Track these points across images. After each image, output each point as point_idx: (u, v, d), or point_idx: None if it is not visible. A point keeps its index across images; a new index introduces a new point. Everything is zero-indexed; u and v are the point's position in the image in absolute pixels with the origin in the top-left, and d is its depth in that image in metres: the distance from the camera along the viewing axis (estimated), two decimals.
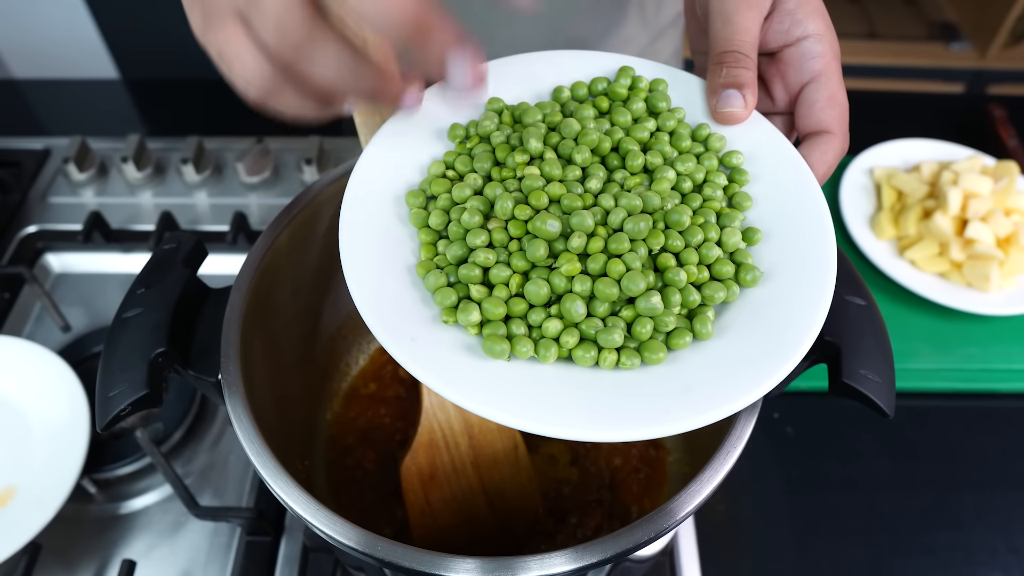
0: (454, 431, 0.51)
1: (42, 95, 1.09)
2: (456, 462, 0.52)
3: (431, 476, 0.52)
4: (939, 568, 0.65)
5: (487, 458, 0.52)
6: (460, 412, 0.51)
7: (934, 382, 0.75)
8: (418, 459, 0.51)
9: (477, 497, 0.53)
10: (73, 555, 0.64)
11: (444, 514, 0.53)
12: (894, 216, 0.85)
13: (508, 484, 0.53)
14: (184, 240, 0.48)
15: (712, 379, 0.35)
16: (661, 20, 1.03)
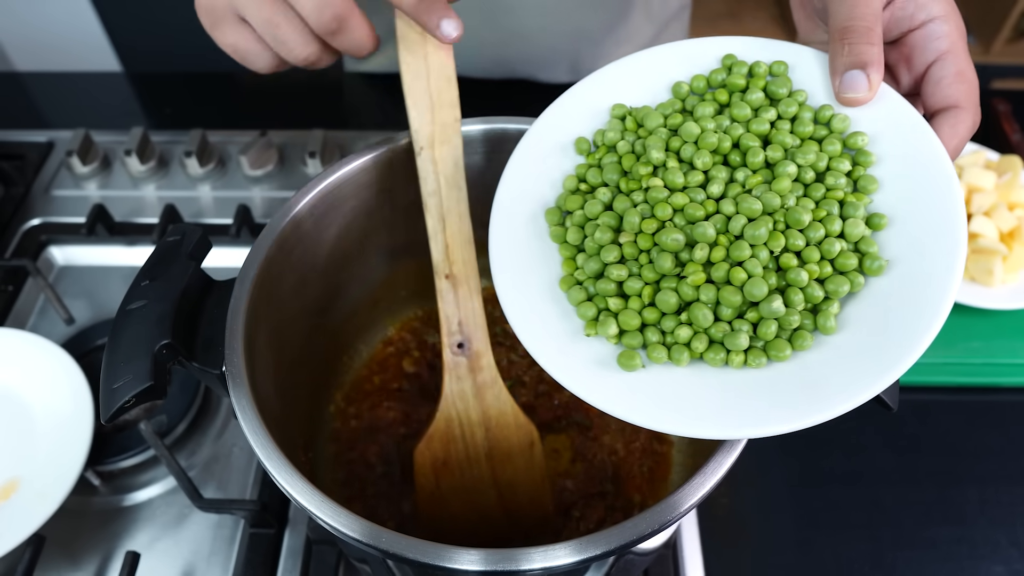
0: (472, 422, 0.51)
1: (45, 88, 1.09)
2: (471, 452, 0.52)
3: (444, 463, 0.52)
4: (942, 562, 0.65)
5: (502, 452, 0.52)
6: (479, 403, 0.51)
7: (937, 376, 0.75)
8: (433, 446, 0.52)
9: (488, 489, 0.53)
10: (77, 547, 0.64)
11: (453, 502, 0.53)
12: None
13: (520, 479, 0.53)
14: (189, 232, 0.48)
15: (838, 372, 0.36)
16: (666, 12, 1.03)
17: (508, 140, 0.55)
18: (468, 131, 0.55)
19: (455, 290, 0.49)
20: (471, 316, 0.50)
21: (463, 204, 0.49)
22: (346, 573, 0.62)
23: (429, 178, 0.49)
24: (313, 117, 0.97)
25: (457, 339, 0.50)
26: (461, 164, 0.49)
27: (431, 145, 0.49)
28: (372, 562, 0.50)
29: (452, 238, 0.49)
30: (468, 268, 0.49)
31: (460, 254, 0.49)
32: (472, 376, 0.51)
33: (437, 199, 0.49)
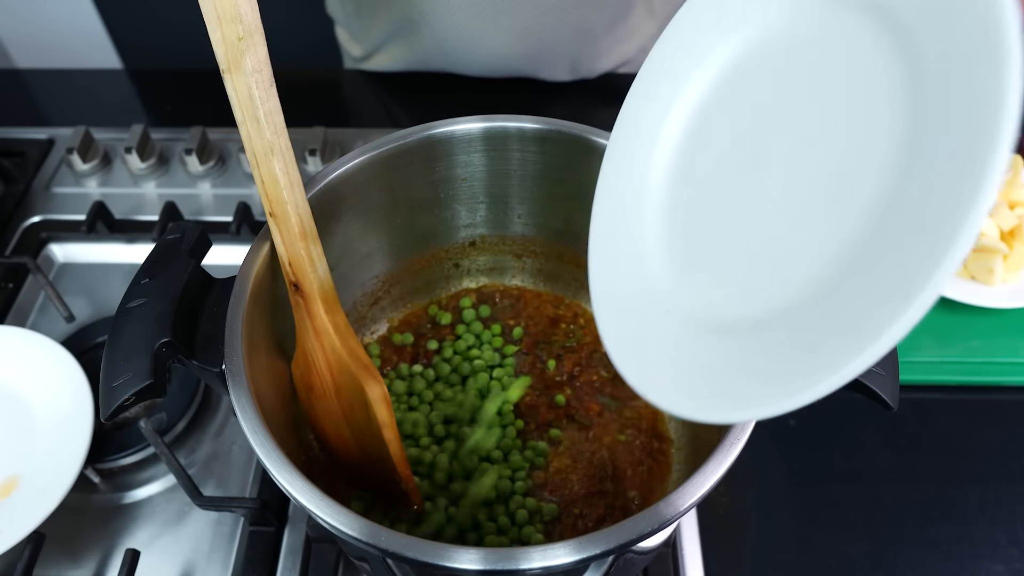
0: (317, 360, 0.50)
1: (46, 85, 1.09)
2: (324, 385, 0.51)
3: (310, 387, 0.52)
4: (942, 561, 0.65)
5: (345, 399, 0.51)
6: (319, 345, 0.50)
7: (937, 375, 0.75)
8: (299, 366, 0.51)
9: (342, 425, 0.52)
10: (77, 544, 0.64)
11: (327, 423, 0.53)
12: None
13: (366, 430, 0.52)
14: (188, 230, 0.48)
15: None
16: (668, 10, 1.03)
17: (508, 138, 0.56)
18: (468, 129, 0.55)
19: (279, 230, 0.47)
20: (296, 257, 0.47)
21: (266, 139, 0.45)
22: (345, 571, 0.62)
23: (236, 107, 0.45)
24: (313, 115, 0.97)
25: (291, 278, 0.48)
26: (256, 93, 0.44)
27: (229, 69, 0.44)
28: (371, 560, 0.50)
29: (265, 175, 0.46)
30: (283, 208, 0.46)
31: (273, 191, 0.46)
32: (309, 320, 0.49)
33: (246, 131, 0.45)
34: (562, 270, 0.65)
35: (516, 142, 0.56)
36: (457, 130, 0.55)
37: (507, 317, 0.66)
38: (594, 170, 0.55)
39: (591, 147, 0.54)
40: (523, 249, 0.65)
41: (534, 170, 0.58)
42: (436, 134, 0.55)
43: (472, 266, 0.66)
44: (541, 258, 0.65)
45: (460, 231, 0.63)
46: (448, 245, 0.64)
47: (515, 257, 0.66)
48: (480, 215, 0.62)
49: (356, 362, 0.49)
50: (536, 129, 0.55)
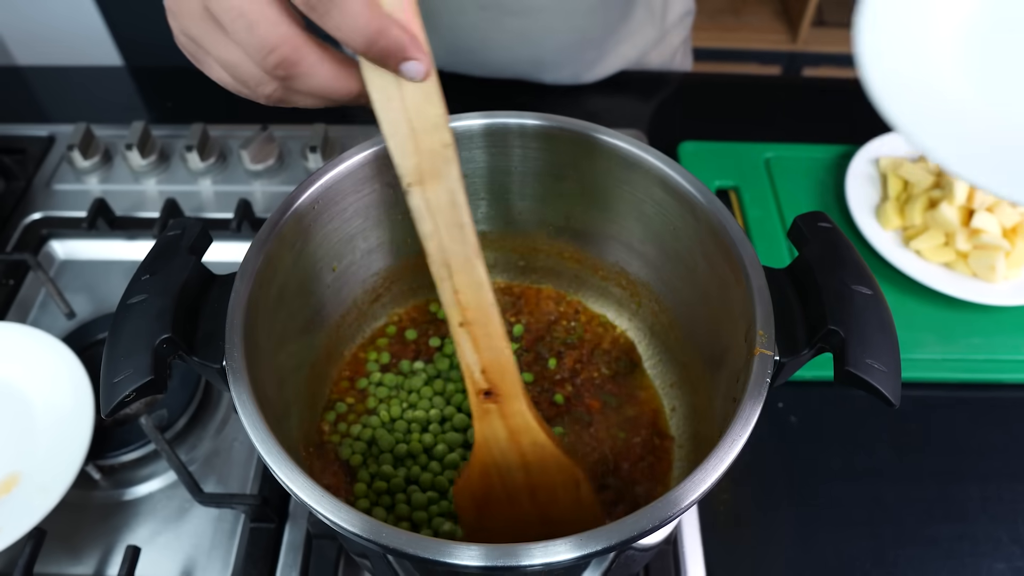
0: (509, 466, 0.49)
1: (46, 82, 1.09)
2: (511, 493, 0.49)
3: (485, 501, 0.50)
4: (943, 559, 0.65)
5: (545, 492, 0.49)
6: (515, 448, 0.48)
7: (939, 373, 0.75)
8: (472, 485, 0.49)
9: (531, 521, 0.50)
10: (77, 541, 0.64)
11: (495, 527, 0.50)
12: (900, 206, 0.85)
13: (567, 515, 0.50)
14: (189, 226, 0.48)
15: None
16: (669, 17, 1.04)
17: (509, 134, 0.55)
18: (469, 126, 0.55)
19: (473, 337, 0.45)
20: (495, 362, 0.46)
21: (470, 244, 0.43)
22: (346, 568, 0.62)
23: (425, 219, 0.43)
24: (314, 111, 0.97)
25: (483, 387, 0.47)
26: (461, 199, 0.43)
27: (420, 181, 0.42)
28: (372, 557, 0.50)
29: (461, 283, 0.44)
30: (484, 312, 0.45)
31: (472, 298, 0.44)
32: (504, 422, 0.48)
33: (437, 242, 0.43)
34: (563, 267, 0.65)
35: (517, 138, 0.56)
36: (458, 126, 0.55)
37: (508, 314, 0.66)
38: (594, 166, 0.56)
39: (592, 144, 0.54)
40: (524, 246, 0.65)
41: (535, 167, 0.58)
42: None
43: None
44: (542, 255, 0.65)
45: None
46: None
47: (516, 254, 0.66)
48: (481, 212, 0.62)
49: (560, 448, 0.48)
50: (537, 125, 0.55)
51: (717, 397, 0.50)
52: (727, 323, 0.49)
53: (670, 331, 0.59)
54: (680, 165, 0.52)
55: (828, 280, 0.44)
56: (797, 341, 0.44)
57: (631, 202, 0.56)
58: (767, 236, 0.85)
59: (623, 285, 0.62)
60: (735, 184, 0.91)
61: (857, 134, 0.93)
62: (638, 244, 0.58)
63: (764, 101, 1.07)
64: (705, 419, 0.53)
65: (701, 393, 0.55)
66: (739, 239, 0.48)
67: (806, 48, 2.37)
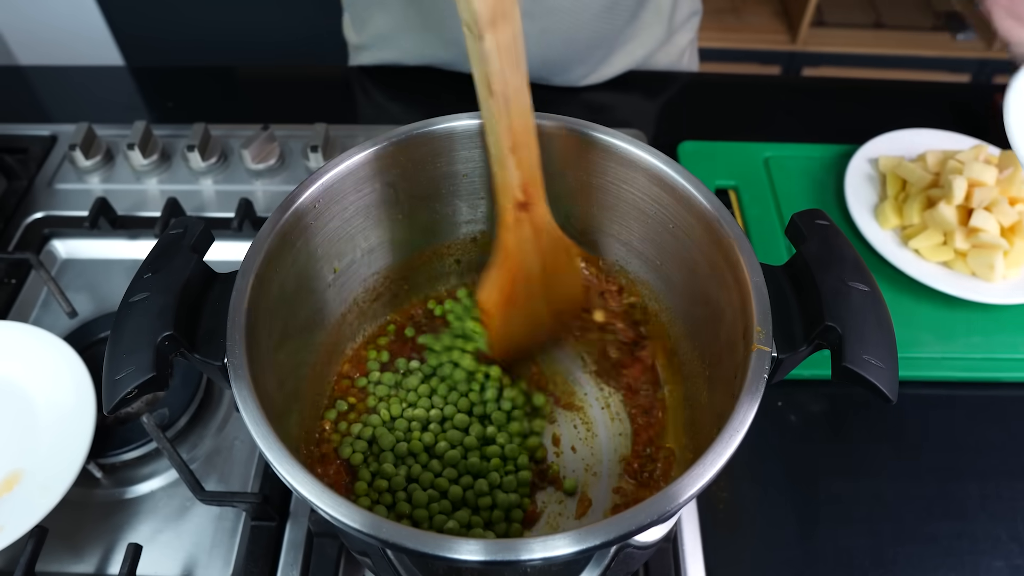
0: (531, 265, 0.57)
1: (48, 82, 1.09)
2: (530, 287, 0.58)
3: (507, 302, 0.58)
4: (942, 556, 0.65)
5: (550, 273, 0.58)
6: (538, 246, 0.56)
7: (938, 371, 0.75)
8: (499, 290, 0.57)
9: (540, 304, 0.60)
10: (79, 539, 0.64)
11: (513, 322, 0.59)
12: (898, 205, 0.85)
13: (563, 287, 0.60)
14: (191, 225, 0.48)
15: None
16: (676, 18, 1.04)
17: None
18: (468, 125, 0.55)
19: (519, 159, 0.52)
20: (532, 176, 0.53)
21: (524, 78, 0.50)
22: (347, 566, 0.62)
23: (494, 59, 0.48)
24: (315, 111, 0.97)
25: (521, 199, 0.53)
26: (521, 39, 0.48)
27: (492, 24, 0.46)
28: (373, 555, 0.51)
29: (516, 112, 0.50)
30: (529, 134, 0.51)
31: (523, 123, 0.51)
32: (531, 226, 0.55)
33: (501, 80, 0.49)
34: None
35: None
36: (458, 126, 0.56)
37: None
38: (593, 166, 0.56)
39: (591, 143, 0.55)
40: None
41: None
42: (437, 130, 0.56)
43: (474, 262, 0.66)
44: None
45: (461, 227, 0.64)
46: (450, 241, 0.64)
47: None
48: (481, 211, 0.62)
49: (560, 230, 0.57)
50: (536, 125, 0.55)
51: (716, 394, 0.51)
52: (725, 320, 0.50)
53: (669, 329, 0.59)
54: (679, 164, 0.52)
55: (826, 277, 0.45)
56: (795, 337, 0.45)
57: (630, 201, 0.56)
58: (766, 235, 0.85)
59: (622, 284, 0.62)
60: (734, 184, 0.91)
61: (856, 134, 0.93)
62: (637, 243, 0.59)
63: (763, 101, 1.07)
64: (704, 415, 0.54)
65: (701, 390, 0.55)
66: (737, 237, 0.48)
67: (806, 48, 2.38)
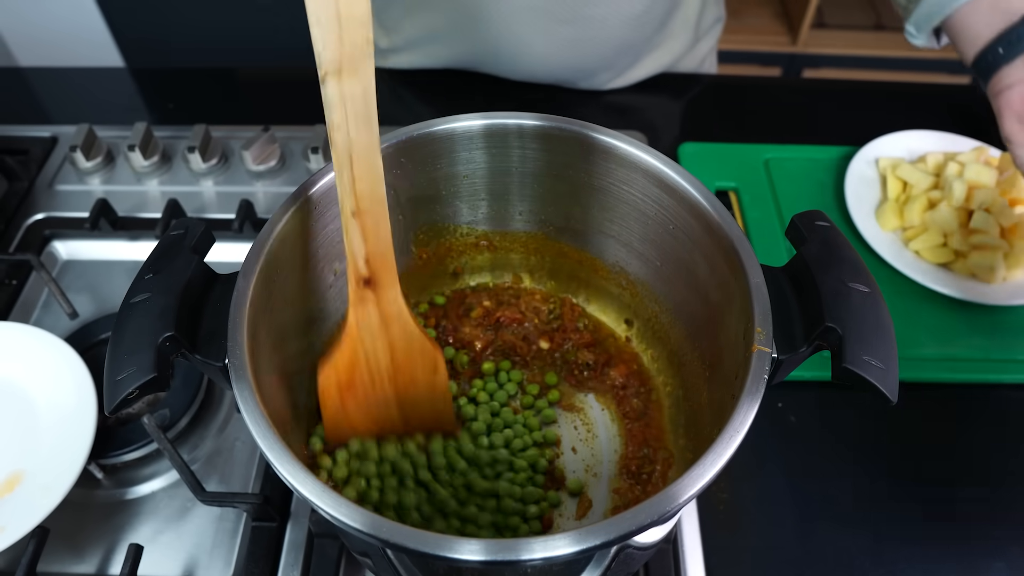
0: (376, 350, 0.53)
1: (49, 83, 1.09)
2: (375, 377, 0.54)
3: (349, 386, 0.53)
4: (940, 557, 0.65)
5: (405, 376, 0.54)
6: (384, 334, 0.52)
7: (938, 373, 0.75)
8: (339, 370, 0.53)
9: (390, 406, 0.55)
10: (80, 539, 0.64)
11: (356, 415, 0.55)
12: (899, 207, 0.85)
13: (423, 399, 0.56)
14: (192, 226, 0.48)
15: None
16: (702, 24, 1.05)
17: (508, 135, 0.56)
18: (468, 126, 0.56)
19: (362, 228, 0.48)
20: (378, 252, 0.49)
21: (373, 139, 0.46)
22: (347, 566, 0.62)
23: (336, 109, 0.44)
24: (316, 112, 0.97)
25: (364, 275, 0.50)
26: (372, 96, 0.45)
27: (337, 72, 0.43)
28: (373, 555, 0.51)
29: (360, 173, 0.46)
30: (376, 202, 0.48)
31: (368, 188, 0.47)
32: (378, 309, 0.51)
33: (343, 133, 0.45)
34: (563, 267, 0.65)
35: (516, 139, 0.56)
36: (458, 127, 0.56)
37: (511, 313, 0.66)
38: (594, 167, 0.56)
39: (591, 144, 0.55)
40: (524, 246, 0.65)
41: (534, 167, 0.58)
42: (437, 131, 0.56)
43: (473, 263, 0.66)
44: (542, 255, 0.65)
45: (461, 228, 0.64)
46: (450, 243, 0.64)
47: (516, 254, 0.66)
48: (481, 212, 0.62)
49: (425, 334, 0.54)
50: (536, 126, 0.55)
51: (716, 394, 0.51)
52: (726, 322, 0.50)
53: (669, 330, 0.60)
54: (679, 165, 0.52)
55: (826, 278, 0.45)
56: (795, 338, 0.45)
57: (631, 202, 0.56)
58: (766, 237, 0.86)
59: (623, 285, 0.62)
60: (735, 185, 0.91)
61: (856, 135, 0.93)
62: (638, 244, 0.59)
63: (764, 102, 1.07)
64: (704, 416, 0.54)
65: (701, 391, 0.55)
66: (738, 238, 0.48)
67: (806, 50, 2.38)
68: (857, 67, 2.32)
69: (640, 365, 0.63)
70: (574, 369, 0.63)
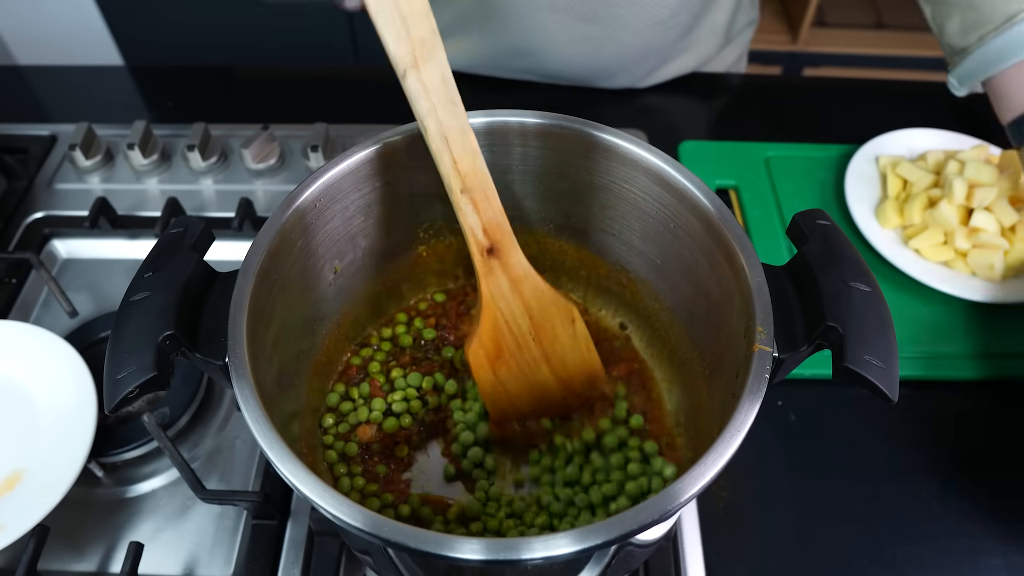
0: (515, 315, 0.55)
1: (48, 82, 1.09)
2: (520, 340, 0.56)
3: (498, 355, 0.56)
4: (940, 555, 0.65)
5: (547, 333, 0.56)
6: (518, 297, 0.54)
7: (937, 371, 0.75)
8: (484, 343, 0.55)
9: (541, 366, 0.57)
10: (81, 537, 0.64)
11: (512, 383, 0.57)
12: (899, 205, 0.85)
13: (568, 352, 0.57)
14: (192, 224, 0.48)
15: None
16: (735, 28, 1.05)
17: (509, 133, 0.56)
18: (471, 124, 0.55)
19: (473, 201, 0.50)
20: (494, 221, 0.52)
21: (461, 118, 0.49)
22: (348, 564, 0.62)
23: (421, 100, 0.47)
24: (315, 111, 0.97)
25: (486, 245, 0.52)
26: (450, 77, 0.47)
27: (415, 64, 0.46)
28: (374, 553, 0.51)
29: (459, 154, 0.49)
30: (480, 177, 0.50)
31: (469, 166, 0.50)
32: (506, 275, 0.53)
33: (434, 119, 0.48)
34: (564, 265, 0.65)
35: (517, 137, 0.56)
36: None
37: None
38: (595, 165, 0.56)
39: (593, 142, 0.55)
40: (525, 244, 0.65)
41: (536, 165, 0.58)
42: None
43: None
44: (543, 253, 0.65)
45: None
46: (450, 240, 0.64)
47: None
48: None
49: (554, 288, 0.55)
50: (537, 124, 0.55)
51: (717, 394, 0.51)
52: (727, 320, 0.50)
53: (670, 329, 0.60)
54: (680, 163, 0.52)
55: (827, 277, 0.45)
56: (796, 337, 0.45)
57: (632, 201, 0.56)
58: (767, 235, 0.86)
59: (623, 283, 0.62)
60: (735, 183, 0.91)
61: (857, 134, 0.93)
62: (639, 242, 0.59)
63: (764, 101, 1.07)
64: (705, 416, 0.54)
65: (701, 390, 0.55)
66: (738, 236, 0.48)
67: (807, 48, 2.37)
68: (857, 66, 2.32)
69: (640, 363, 0.63)
70: None
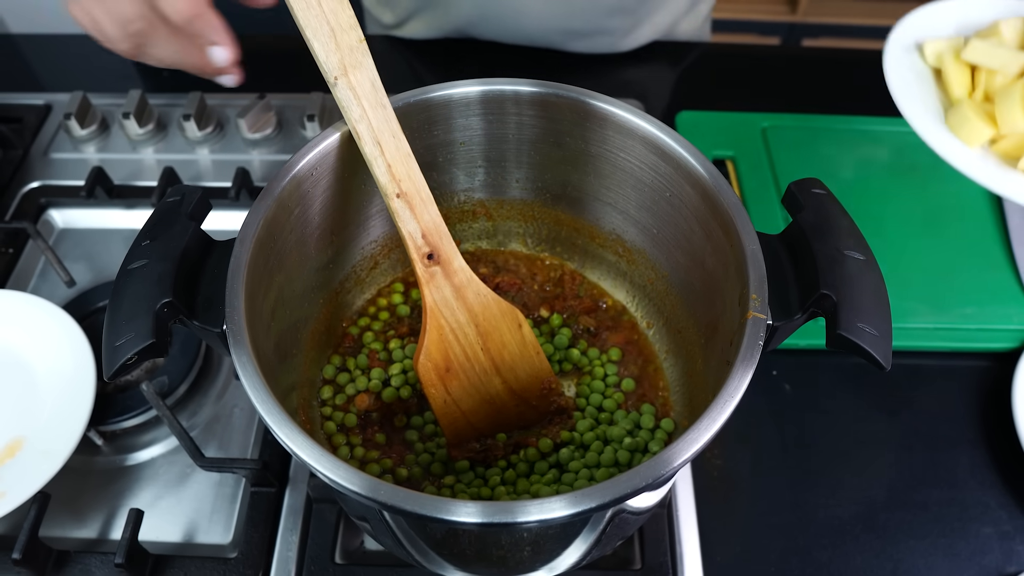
0: (460, 323, 0.54)
1: (42, 51, 1.08)
2: (468, 351, 0.55)
3: (447, 369, 0.54)
4: (932, 523, 0.66)
5: (495, 341, 0.55)
6: (462, 304, 0.54)
7: (931, 341, 0.76)
8: (432, 356, 0.54)
9: (492, 378, 0.56)
10: (81, 504, 0.65)
11: (465, 400, 0.56)
12: (979, 108, 0.64)
13: (518, 359, 0.57)
14: (189, 193, 0.48)
15: None
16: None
17: (505, 101, 0.56)
18: (465, 93, 0.55)
19: (410, 206, 0.50)
20: (432, 226, 0.51)
21: (392, 122, 0.49)
22: (346, 531, 0.63)
23: (352, 106, 0.48)
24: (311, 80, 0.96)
25: (425, 251, 0.51)
26: (379, 83, 0.49)
27: (344, 72, 0.48)
28: (371, 519, 0.51)
29: (392, 158, 0.49)
30: (415, 182, 0.50)
31: (404, 170, 0.50)
32: (448, 281, 0.53)
33: (366, 124, 0.49)
34: (560, 234, 0.65)
35: (513, 106, 0.56)
36: (455, 93, 0.55)
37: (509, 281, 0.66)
38: (591, 134, 0.56)
39: (588, 111, 0.55)
40: (521, 214, 0.65)
41: (531, 134, 0.58)
42: (433, 98, 0.55)
43: (470, 230, 0.66)
44: (539, 223, 0.65)
45: (458, 195, 0.64)
46: (446, 209, 0.64)
47: (513, 222, 0.66)
48: (478, 179, 0.62)
49: (496, 294, 0.55)
50: (533, 92, 0.55)
51: (712, 361, 0.51)
52: (721, 289, 0.50)
53: (665, 297, 0.60)
54: (676, 132, 0.52)
55: (821, 245, 0.45)
56: (790, 305, 0.45)
57: (628, 170, 0.56)
58: (763, 205, 0.86)
59: (619, 252, 0.62)
60: (732, 154, 0.91)
61: (853, 105, 0.93)
62: (634, 211, 0.59)
63: (762, 72, 1.06)
64: (700, 384, 0.54)
65: (696, 358, 0.55)
66: (733, 205, 0.48)
67: (806, 19, 2.35)
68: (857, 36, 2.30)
69: (637, 332, 0.63)
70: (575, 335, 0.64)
